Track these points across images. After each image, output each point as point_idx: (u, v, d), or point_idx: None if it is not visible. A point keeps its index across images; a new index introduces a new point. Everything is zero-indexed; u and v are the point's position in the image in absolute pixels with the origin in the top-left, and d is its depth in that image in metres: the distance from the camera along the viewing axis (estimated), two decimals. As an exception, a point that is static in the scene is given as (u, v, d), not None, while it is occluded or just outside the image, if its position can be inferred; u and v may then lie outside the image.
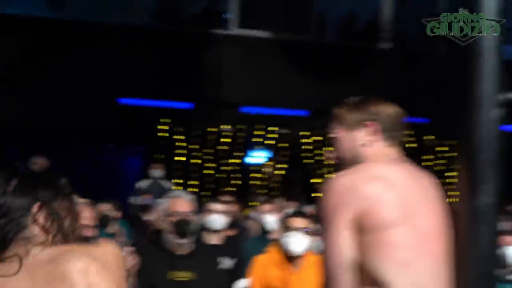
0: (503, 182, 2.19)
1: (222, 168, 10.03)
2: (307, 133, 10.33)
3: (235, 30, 10.45)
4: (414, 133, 10.38)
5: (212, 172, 10.02)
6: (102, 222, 5.53)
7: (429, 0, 11.89)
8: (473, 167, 2.18)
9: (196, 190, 9.36)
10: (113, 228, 5.69)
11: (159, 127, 10.00)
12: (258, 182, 10.21)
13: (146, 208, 7.15)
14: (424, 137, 10.72)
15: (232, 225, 5.04)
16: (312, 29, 10.74)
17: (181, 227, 3.43)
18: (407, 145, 2.11)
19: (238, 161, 10.13)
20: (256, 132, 10.24)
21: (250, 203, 7.50)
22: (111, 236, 5.27)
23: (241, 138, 10.11)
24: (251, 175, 10.23)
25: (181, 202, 3.51)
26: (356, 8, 11.41)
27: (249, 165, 10.25)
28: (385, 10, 11.24)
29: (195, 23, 10.48)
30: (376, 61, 10.27)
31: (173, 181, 9.17)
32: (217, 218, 4.34)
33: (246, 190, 9.68)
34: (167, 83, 9.74)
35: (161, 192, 7.82)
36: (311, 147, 10.40)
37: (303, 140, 10.38)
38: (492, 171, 2.16)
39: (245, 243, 4.84)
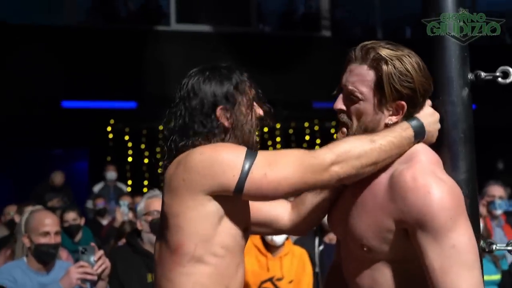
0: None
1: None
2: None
3: (174, 26, 10.36)
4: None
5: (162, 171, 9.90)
6: (70, 232, 5.40)
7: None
8: (447, 145, 2.22)
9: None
10: (78, 236, 5.56)
11: (105, 128, 9.80)
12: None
13: (101, 212, 7.07)
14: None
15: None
16: (252, 21, 10.77)
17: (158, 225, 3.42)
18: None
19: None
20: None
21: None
22: (78, 244, 5.14)
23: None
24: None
25: (157, 202, 3.47)
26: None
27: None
28: (323, -1, 11.36)
29: (132, 20, 10.32)
30: (317, 50, 10.39)
31: (125, 182, 9.03)
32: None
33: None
34: (109, 83, 9.56)
35: (116, 195, 7.71)
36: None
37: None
38: (465, 148, 2.20)
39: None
